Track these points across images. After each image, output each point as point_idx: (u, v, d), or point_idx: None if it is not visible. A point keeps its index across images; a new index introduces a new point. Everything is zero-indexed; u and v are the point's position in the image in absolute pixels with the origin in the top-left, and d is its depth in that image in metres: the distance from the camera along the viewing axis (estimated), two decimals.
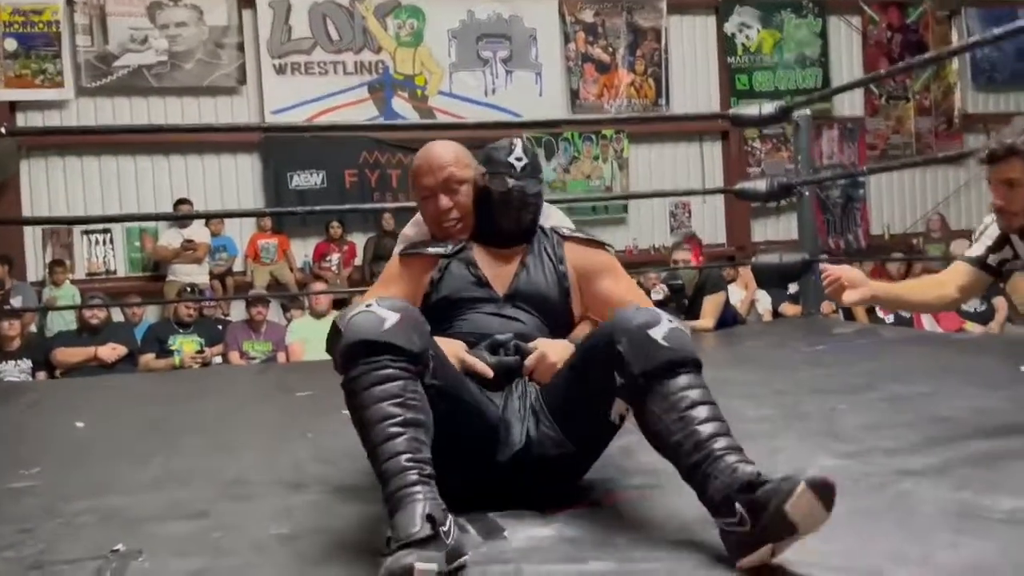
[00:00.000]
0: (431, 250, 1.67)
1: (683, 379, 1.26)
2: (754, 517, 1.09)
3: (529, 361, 1.51)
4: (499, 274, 1.64)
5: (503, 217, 1.64)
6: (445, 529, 1.11)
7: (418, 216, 1.81)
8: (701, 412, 1.23)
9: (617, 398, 1.33)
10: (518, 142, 1.70)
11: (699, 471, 1.19)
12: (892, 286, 1.98)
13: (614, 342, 1.29)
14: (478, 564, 1.18)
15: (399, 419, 1.20)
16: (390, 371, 1.23)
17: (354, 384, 1.25)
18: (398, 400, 1.21)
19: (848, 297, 1.73)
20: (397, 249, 1.79)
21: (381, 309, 1.27)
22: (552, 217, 1.83)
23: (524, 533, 1.29)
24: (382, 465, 1.18)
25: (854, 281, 1.72)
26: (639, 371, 1.27)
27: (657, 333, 1.28)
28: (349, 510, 1.49)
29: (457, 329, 1.59)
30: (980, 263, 1.87)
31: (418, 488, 1.14)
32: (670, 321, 1.31)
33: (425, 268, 1.66)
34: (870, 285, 1.75)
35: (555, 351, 1.51)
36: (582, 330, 1.66)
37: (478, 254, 1.66)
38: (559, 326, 1.64)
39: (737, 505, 1.12)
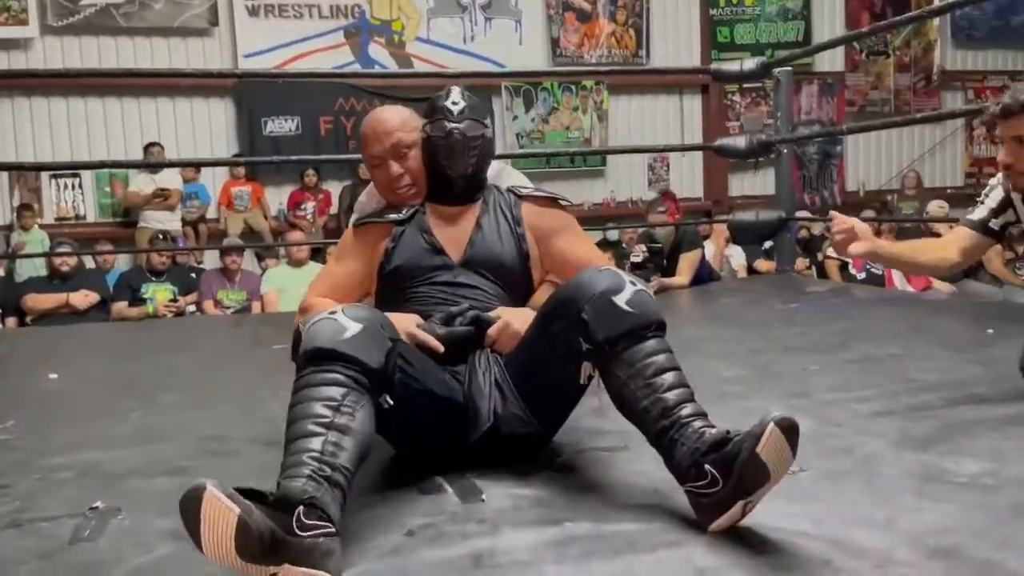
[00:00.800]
0: (384, 218, 1.64)
1: (648, 344, 1.26)
2: (725, 473, 1.10)
3: (492, 331, 1.48)
4: (454, 238, 1.61)
5: (448, 163, 1.60)
6: (309, 523, 1.01)
7: (372, 186, 1.79)
8: (667, 379, 1.24)
9: (584, 361, 1.32)
10: (455, 88, 1.66)
11: (666, 437, 1.20)
12: (895, 245, 2.00)
13: (579, 309, 1.28)
14: (456, 523, 1.21)
15: (325, 420, 1.15)
16: (336, 376, 1.19)
17: (298, 383, 1.21)
18: (332, 404, 1.17)
19: (854, 249, 1.72)
20: (352, 219, 1.78)
21: (344, 318, 1.24)
22: (511, 178, 1.81)
23: (501, 494, 1.31)
24: (286, 459, 1.12)
25: (864, 234, 1.74)
26: (603, 338, 1.26)
27: (621, 299, 1.27)
28: None
29: (413, 302, 1.57)
30: (982, 227, 1.87)
31: (299, 482, 1.06)
32: (632, 284, 1.30)
33: (379, 237, 1.63)
34: (875, 241, 1.76)
35: (518, 319, 1.48)
36: (543, 294, 1.63)
37: (432, 218, 1.64)
38: (518, 291, 1.62)
39: (707, 466, 1.13)
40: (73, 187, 7.31)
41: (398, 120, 1.66)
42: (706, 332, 2.86)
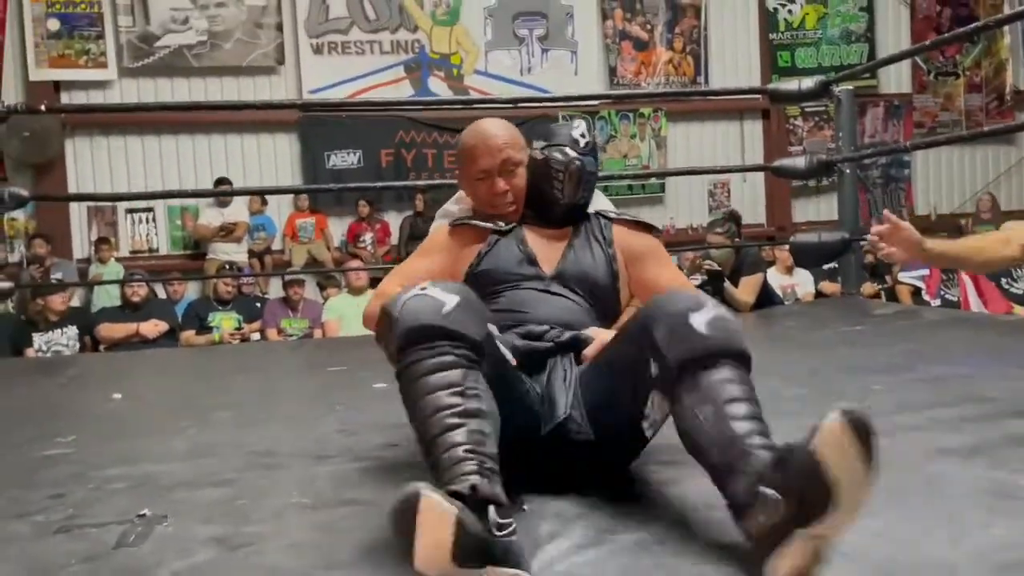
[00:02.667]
0: (485, 224, 1.62)
1: (724, 372, 1.13)
2: (785, 491, 0.95)
3: (588, 351, 1.43)
4: (547, 254, 1.59)
5: (562, 189, 1.60)
6: (502, 522, 0.99)
7: (461, 192, 1.78)
8: (739, 409, 1.10)
9: (654, 391, 1.22)
10: (581, 122, 1.70)
11: (727, 470, 1.06)
12: (949, 243, 1.89)
13: (650, 328, 1.19)
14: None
15: (458, 409, 1.10)
16: (450, 358, 1.14)
17: (409, 371, 1.15)
18: (458, 389, 1.12)
19: (896, 258, 1.66)
20: (438, 222, 1.77)
21: (438, 292, 1.19)
22: (598, 201, 1.79)
23: (544, 506, 1.28)
24: (438, 458, 1.08)
25: (902, 239, 1.67)
26: (674, 360, 1.15)
27: (698, 320, 1.16)
28: (371, 481, 1.49)
29: (499, 305, 1.52)
30: None
31: (476, 479, 1.04)
32: (716, 307, 1.20)
33: (474, 240, 1.62)
34: (923, 242, 1.68)
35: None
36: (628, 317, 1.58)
37: (528, 233, 1.62)
38: (606, 309, 1.58)
39: (762, 488, 0.98)
40: (147, 221, 7.60)
41: (508, 136, 1.64)
42: (766, 353, 2.76)
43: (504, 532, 0.99)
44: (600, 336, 1.45)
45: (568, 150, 1.60)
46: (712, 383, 1.13)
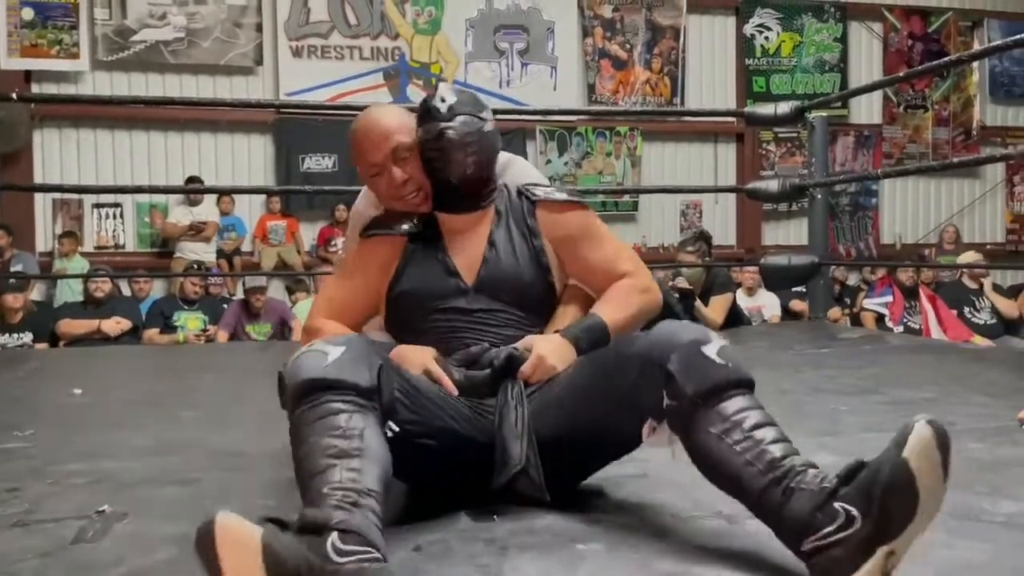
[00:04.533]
0: (395, 230, 1.47)
1: (740, 400, 1.13)
2: (864, 503, 0.94)
3: (525, 368, 1.33)
4: (467, 257, 1.45)
5: (444, 168, 1.42)
6: (345, 548, 0.94)
7: (368, 191, 1.62)
8: (768, 433, 1.10)
9: (650, 419, 1.20)
10: (443, 85, 1.51)
11: (778, 489, 1.04)
12: None
13: (662, 361, 1.16)
14: (464, 542, 1.17)
15: (334, 450, 1.06)
16: (333, 406, 1.11)
17: (296, 423, 1.13)
18: (336, 432, 1.08)
19: None
20: (352, 230, 1.65)
21: (325, 345, 1.16)
22: (520, 171, 1.64)
23: (513, 515, 1.27)
24: (305, 498, 1.05)
25: None
26: (692, 391, 1.13)
27: (710, 350, 1.16)
28: None
29: (426, 331, 1.42)
30: None
31: (328, 511, 0.99)
32: (718, 336, 1.20)
33: (389, 252, 1.47)
34: None
35: (553, 354, 1.35)
36: (570, 311, 1.48)
37: (446, 229, 1.48)
38: (539, 309, 1.47)
39: (837, 504, 0.96)
40: (114, 216, 7.47)
41: (395, 121, 1.47)
42: None
43: (351, 559, 0.93)
44: (536, 348, 1.35)
45: (434, 123, 1.42)
46: (733, 410, 1.13)
